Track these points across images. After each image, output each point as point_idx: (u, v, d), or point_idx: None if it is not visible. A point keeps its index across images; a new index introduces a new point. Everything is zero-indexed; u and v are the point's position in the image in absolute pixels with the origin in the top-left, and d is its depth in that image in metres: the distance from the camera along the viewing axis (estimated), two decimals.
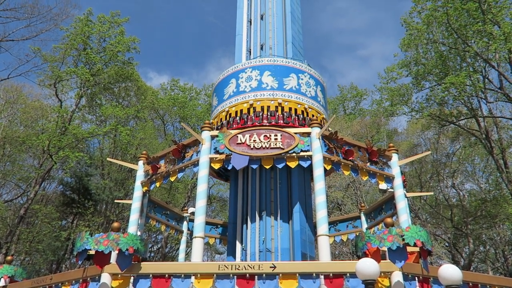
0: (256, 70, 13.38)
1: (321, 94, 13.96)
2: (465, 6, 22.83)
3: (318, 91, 13.74)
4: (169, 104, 37.76)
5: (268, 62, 13.57)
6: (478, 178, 34.01)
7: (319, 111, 13.30)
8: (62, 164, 31.05)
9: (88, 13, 30.82)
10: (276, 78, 13.10)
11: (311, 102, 13.21)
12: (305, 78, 13.48)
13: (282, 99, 12.65)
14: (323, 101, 14.00)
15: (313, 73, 13.94)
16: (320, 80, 14.18)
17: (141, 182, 12.32)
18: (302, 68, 13.70)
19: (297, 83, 13.19)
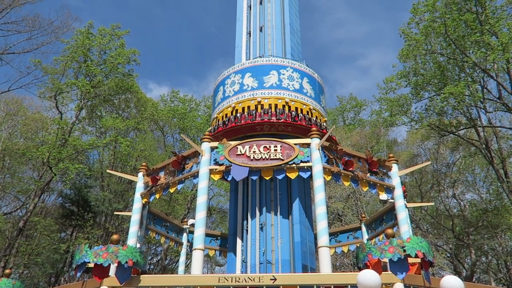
0: (238, 74, 13.85)
1: (309, 85, 13.78)
2: (462, 17, 23.05)
3: (304, 82, 13.67)
4: (169, 116, 37.86)
5: (249, 64, 13.97)
6: (478, 188, 33.93)
7: (305, 102, 13.18)
8: (61, 176, 31.00)
9: (89, 26, 31.10)
10: (256, 78, 13.40)
11: (294, 95, 13.20)
12: (287, 73, 13.56)
13: (261, 97, 12.89)
14: (312, 91, 13.78)
15: (297, 66, 13.91)
16: (306, 71, 14.06)
17: (141, 193, 12.28)
18: (284, 64, 13.76)
19: (277, 79, 13.35)
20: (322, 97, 14.35)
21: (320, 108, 13.71)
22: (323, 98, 14.41)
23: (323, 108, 14.09)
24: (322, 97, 14.35)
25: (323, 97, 14.47)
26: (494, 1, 23.45)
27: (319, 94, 14.17)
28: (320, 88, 14.47)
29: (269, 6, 16.87)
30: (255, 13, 17.12)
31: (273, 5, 16.91)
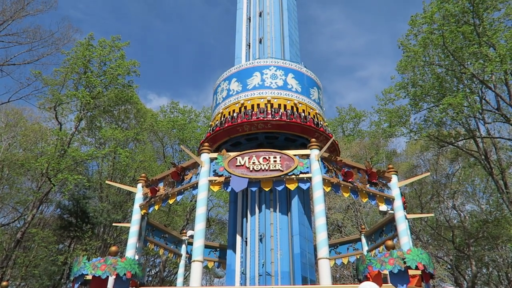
0: (226, 81, 14.29)
1: (295, 80, 13.79)
2: (460, 29, 23.25)
3: (289, 78, 13.69)
4: (169, 127, 37.92)
5: (235, 70, 14.33)
6: (478, 199, 33.87)
7: (288, 98, 13.21)
8: (60, 187, 30.91)
9: (90, 38, 31.33)
10: (240, 82, 13.77)
11: (277, 92, 13.29)
12: (270, 72, 13.73)
13: (244, 100, 13.19)
14: (299, 86, 13.76)
15: (281, 64, 14.01)
16: (291, 67, 14.08)
17: (140, 205, 12.23)
18: (266, 64, 13.95)
19: (260, 79, 13.58)
20: (313, 90, 14.24)
21: (309, 101, 13.65)
22: (315, 91, 14.30)
23: (315, 101, 14.01)
24: (313, 90, 14.24)
25: (315, 89, 14.35)
26: (491, 13, 23.70)
27: (308, 88, 14.09)
28: (310, 81, 14.36)
29: (268, 18, 17.02)
30: (255, 25, 17.27)
31: (272, 17, 17.06)
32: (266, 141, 13.48)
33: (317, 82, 14.75)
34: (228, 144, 13.59)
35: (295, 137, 13.29)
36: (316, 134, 12.92)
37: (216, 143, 13.55)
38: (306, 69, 14.56)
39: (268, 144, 13.33)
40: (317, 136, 12.86)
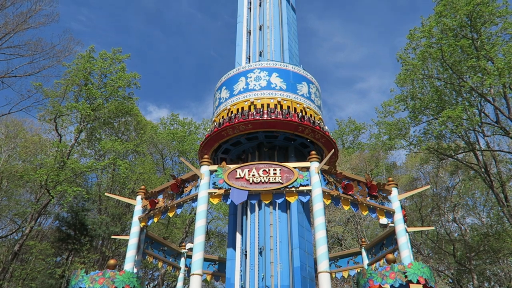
0: (218, 90, 14.87)
1: (279, 78, 13.95)
2: (458, 42, 23.46)
3: (273, 78, 13.87)
4: (168, 139, 37.97)
5: (224, 78, 14.80)
6: (479, 212, 33.72)
7: (272, 97, 13.37)
8: (59, 199, 30.79)
9: (91, 50, 31.57)
10: (228, 89, 14.26)
11: (261, 92, 13.54)
12: (254, 74, 14.04)
13: (230, 105, 13.60)
14: (284, 83, 13.87)
15: (265, 65, 14.26)
16: (276, 66, 14.26)
17: (139, 217, 12.15)
18: (251, 67, 14.33)
19: (245, 83, 13.98)
20: (302, 85, 14.27)
21: (295, 96, 13.70)
22: (304, 86, 14.32)
23: (304, 95, 14.00)
24: (302, 85, 14.27)
25: (304, 84, 14.36)
26: (489, 27, 23.95)
27: (295, 83, 14.15)
28: (297, 77, 14.38)
29: (268, 32, 17.20)
30: (255, 39, 17.43)
31: (272, 31, 17.24)
32: (266, 140, 13.82)
33: (307, 76, 14.73)
34: (228, 144, 13.94)
35: (294, 136, 13.52)
36: (300, 128, 13.08)
37: (211, 147, 14.00)
38: (293, 66, 14.67)
39: (268, 143, 13.81)
40: (302, 129, 13.08)
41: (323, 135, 13.40)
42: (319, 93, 15.12)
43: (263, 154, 14.17)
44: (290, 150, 14.23)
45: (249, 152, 14.50)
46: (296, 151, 14.33)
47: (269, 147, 14.25)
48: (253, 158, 14.30)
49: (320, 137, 13.49)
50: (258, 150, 14.31)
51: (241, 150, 14.58)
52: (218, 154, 14.59)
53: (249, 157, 14.47)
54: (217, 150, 14.30)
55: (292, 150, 14.18)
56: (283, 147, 14.34)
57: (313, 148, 14.18)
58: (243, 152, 14.69)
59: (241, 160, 14.81)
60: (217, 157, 14.66)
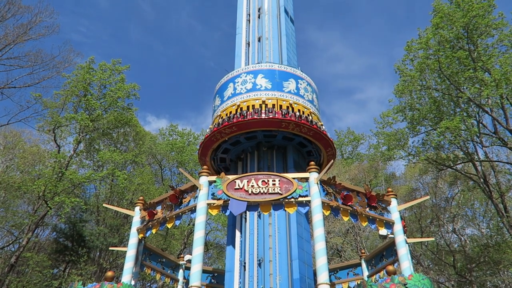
0: (213, 99, 15.60)
1: (265, 79, 14.36)
2: (455, 54, 23.64)
3: (258, 79, 14.28)
4: (167, 149, 37.95)
5: (217, 87, 15.52)
6: (478, 223, 33.61)
7: (257, 98, 13.78)
8: (57, 210, 30.60)
9: (90, 61, 31.70)
10: (220, 96, 14.98)
11: (247, 95, 14.00)
12: (241, 79, 14.59)
13: (221, 111, 14.17)
14: (270, 83, 14.26)
15: (251, 68, 14.81)
16: (261, 68, 14.73)
17: (137, 228, 12.07)
18: (238, 73, 14.91)
19: (233, 88, 14.59)
20: (289, 82, 14.51)
21: (281, 94, 13.95)
22: (291, 82, 14.55)
23: (291, 92, 14.21)
24: (289, 82, 14.51)
25: (291, 81, 14.59)
26: (485, 39, 24.17)
27: (281, 81, 14.45)
28: (284, 75, 14.66)
29: (267, 43, 17.33)
30: (254, 50, 17.56)
31: (271, 42, 17.38)
32: (265, 140, 14.18)
33: (294, 73, 14.97)
34: (228, 143, 14.28)
35: (292, 135, 13.85)
36: (283, 124, 13.34)
37: (208, 150, 14.48)
38: (280, 65, 14.99)
39: (267, 143, 14.30)
40: (285, 125, 13.33)
41: (310, 128, 13.50)
42: (312, 87, 15.27)
43: (262, 154, 14.45)
44: (288, 149, 14.50)
45: (248, 152, 14.78)
46: (295, 150, 14.59)
47: (268, 146, 14.53)
48: (252, 157, 14.57)
49: (315, 134, 13.79)
50: (257, 150, 14.59)
51: (241, 149, 14.86)
52: (218, 154, 14.92)
53: (248, 157, 14.73)
54: (217, 149, 14.63)
55: (290, 149, 14.45)
56: (282, 146, 14.60)
57: (312, 147, 14.56)
58: (243, 151, 14.95)
59: (240, 160, 15.07)
60: (216, 157, 15.02)
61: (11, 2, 26.55)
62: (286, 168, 14.00)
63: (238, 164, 15.03)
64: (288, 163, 14.25)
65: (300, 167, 14.15)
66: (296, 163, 14.23)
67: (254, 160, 14.40)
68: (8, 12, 26.53)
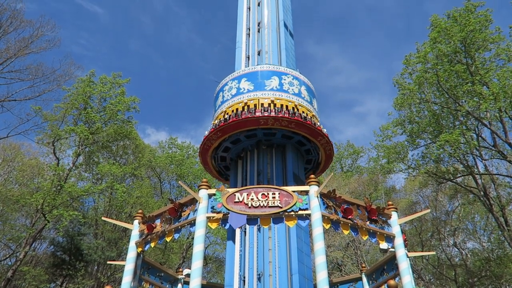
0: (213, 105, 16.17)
1: (248, 82, 14.99)
2: (453, 68, 23.82)
3: (242, 84, 15.03)
4: (166, 162, 37.86)
5: (213, 99, 16.27)
6: (479, 236, 33.40)
7: (240, 101, 14.40)
8: (55, 223, 30.38)
9: (91, 75, 31.85)
10: (214, 107, 15.85)
11: (231, 100, 14.79)
12: (228, 86, 15.46)
13: (213, 120, 14.97)
14: (252, 85, 14.85)
15: (236, 75, 15.55)
16: (244, 73, 15.48)
17: (136, 242, 11.96)
18: (226, 81, 15.73)
19: (222, 97, 15.46)
20: (271, 80, 14.92)
21: (263, 93, 14.43)
22: (274, 80, 14.94)
23: (273, 89, 14.62)
24: (271, 80, 14.92)
25: (274, 79, 14.98)
26: (482, 53, 24.37)
27: (263, 80, 14.95)
28: (266, 74, 15.15)
29: (267, 57, 17.47)
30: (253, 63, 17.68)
31: (270, 56, 17.52)
32: (264, 138, 14.71)
33: (277, 70, 15.36)
34: (228, 142, 14.79)
35: (291, 133, 14.31)
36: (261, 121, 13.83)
37: (211, 147, 14.93)
38: (263, 66, 15.55)
39: (266, 141, 14.81)
40: (264, 122, 13.81)
41: (290, 120, 13.79)
42: (299, 80, 15.56)
43: (261, 152, 14.86)
44: (287, 148, 14.88)
45: (248, 150, 15.15)
46: (294, 149, 14.99)
47: (267, 144, 14.95)
48: (252, 156, 14.95)
49: (317, 134, 14.33)
50: (257, 148, 14.98)
51: (241, 148, 15.25)
52: (219, 153, 15.41)
53: (248, 155, 15.09)
54: (218, 148, 15.11)
55: (289, 148, 14.82)
56: (281, 144, 15.00)
57: (310, 146, 15.02)
58: (243, 150, 15.34)
59: (240, 158, 15.46)
60: (217, 155, 15.54)
61: (14, 16, 26.83)
62: (285, 167, 14.51)
63: (238, 163, 15.42)
64: (287, 161, 14.66)
65: (298, 166, 14.80)
66: (294, 162, 14.70)
67: (254, 159, 14.83)
68: (10, 26, 26.78)
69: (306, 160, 16.01)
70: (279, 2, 20.07)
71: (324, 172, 17.45)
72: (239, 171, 15.08)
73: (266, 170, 14.42)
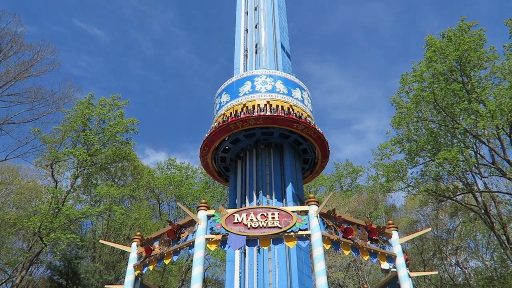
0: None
1: (226, 95, 16.33)
2: (450, 86, 24.01)
3: (222, 97, 16.42)
4: (165, 183, 37.68)
5: None
6: (482, 255, 33.02)
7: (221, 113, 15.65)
8: (52, 246, 29.97)
9: (90, 97, 32.01)
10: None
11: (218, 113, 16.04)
12: (218, 100, 16.59)
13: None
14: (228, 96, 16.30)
15: (222, 87, 16.69)
16: (225, 85, 16.79)
17: (134, 265, 11.79)
18: (218, 92, 16.95)
19: (215, 110, 16.62)
20: (243, 87, 16.06)
21: (237, 100, 15.60)
22: (246, 86, 16.02)
23: (245, 93, 15.71)
24: (243, 87, 16.06)
25: (246, 84, 16.08)
26: (478, 71, 24.62)
27: (238, 88, 16.21)
28: (239, 83, 16.43)
29: None
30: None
31: None
32: (263, 137, 15.65)
33: (250, 75, 16.47)
34: (228, 142, 15.65)
35: (288, 132, 15.26)
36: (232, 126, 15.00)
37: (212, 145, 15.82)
38: (238, 75, 16.84)
39: (264, 140, 15.75)
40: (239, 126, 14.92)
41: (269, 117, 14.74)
42: (273, 76, 16.49)
43: (260, 152, 15.75)
44: (285, 147, 15.77)
45: (247, 150, 16.04)
46: (291, 149, 15.88)
47: (265, 144, 15.86)
48: (251, 155, 15.83)
49: (312, 133, 15.33)
50: (256, 148, 15.87)
51: (240, 148, 16.16)
52: (219, 153, 16.32)
53: (247, 155, 15.97)
54: (218, 149, 16.04)
55: (287, 147, 15.72)
56: (279, 144, 15.94)
57: (307, 145, 15.94)
58: (242, 150, 16.21)
59: (240, 158, 16.32)
60: (217, 156, 16.46)
61: (14, 40, 27.14)
62: (283, 166, 15.34)
63: (238, 163, 16.18)
64: (284, 160, 15.44)
65: (295, 166, 15.73)
66: (292, 161, 15.52)
67: (253, 159, 15.63)
68: (10, 50, 27.06)
69: (303, 160, 16.83)
70: (276, 24, 20.42)
71: (321, 172, 18.11)
72: (238, 171, 15.93)
73: (265, 170, 15.20)
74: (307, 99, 16.71)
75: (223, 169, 17.12)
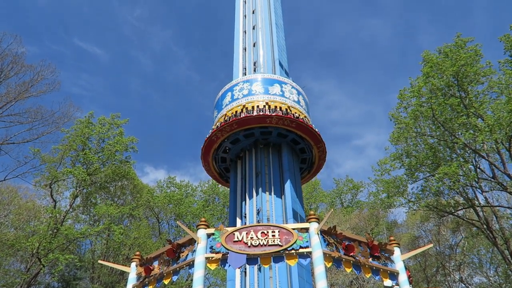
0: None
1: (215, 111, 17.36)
2: (448, 101, 24.14)
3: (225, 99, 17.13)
4: (165, 202, 37.48)
5: None
6: (486, 270, 32.60)
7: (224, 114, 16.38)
8: (50, 267, 29.58)
9: (90, 116, 32.10)
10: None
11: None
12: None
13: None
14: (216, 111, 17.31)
15: (228, 88, 17.30)
16: (218, 96, 17.82)
17: (133, 285, 11.62)
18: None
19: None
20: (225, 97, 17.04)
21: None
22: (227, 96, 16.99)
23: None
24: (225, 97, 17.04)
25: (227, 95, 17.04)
26: (475, 86, 24.80)
27: (221, 100, 17.32)
28: (222, 96, 17.40)
29: None
30: None
31: None
32: (261, 137, 16.35)
33: (230, 85, 17.40)
34: (228, 142, 16.40)
35: (286, 131, 15.95)
36: None
37: (213, 146, 16.48)
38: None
39: (263, 140, 16.44)
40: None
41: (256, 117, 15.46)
42: (249, 81, 17.35)
43: (259, 152, 16.44)
44: (283, 147, 16.44)
45: (247, 149, 16.72)
46: (289, 148, 16.53)
47: (264, 143, 16.52)
48: (250, 155, 16.51)
49: (308, 132, 16.02)
50: (255, 147, 16.54)
51: (239, 148, 16.83)
52: (219, 154, 17.03)
53: (246, 154, 16.67)
54: (218, 149, 16.72)
55: (285, 147, 16.38)
56: (277, 143, 16.63)
57: (304, 144, 16.60)
58: (241, 150, 16.90)
59: (239, 158, 16.98)
60: (218, 156, 17.18)
61: (15, 61, 27.36)
62: (281, 165, 15.94)
63: (238, 163, 16.84)
64: (283, 160, 16.06)
65: (293, 165, 16.34)
66: (290, 160, 16.11)
67: (252, 158, 16.30)
68: (11, 71, 27.25)
69: (301, 160, 17.50)
70: (274, 42, 20.68)
71: (319, 172, 18.88)
72: (238, 171, 16.63)
73: (264, 170, 15.82)
74: (303, 101, 17.71)
75: (224, 170, 17.95)
